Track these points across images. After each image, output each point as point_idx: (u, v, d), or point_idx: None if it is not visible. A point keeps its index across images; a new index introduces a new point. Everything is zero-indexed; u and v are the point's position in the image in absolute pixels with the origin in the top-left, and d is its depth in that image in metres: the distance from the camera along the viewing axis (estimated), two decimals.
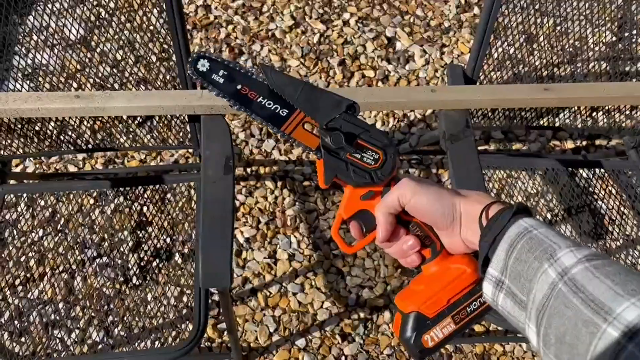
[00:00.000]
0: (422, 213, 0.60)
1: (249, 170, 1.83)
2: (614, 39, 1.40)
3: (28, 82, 1.28)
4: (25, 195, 1.63)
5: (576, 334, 0.45)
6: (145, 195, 1.54)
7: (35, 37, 1.23)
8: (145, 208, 1.58)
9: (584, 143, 1.92)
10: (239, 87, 0.64)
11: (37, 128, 1.32)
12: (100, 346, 1.37)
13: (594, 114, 1.48)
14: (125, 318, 1.33)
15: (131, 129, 1.39)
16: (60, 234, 1.53)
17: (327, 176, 0.62)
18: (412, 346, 0.60)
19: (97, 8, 1.24)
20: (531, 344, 0.51)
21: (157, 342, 1.31)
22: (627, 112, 1.46)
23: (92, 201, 1.60)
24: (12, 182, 1.45)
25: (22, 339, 1.30)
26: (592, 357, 0.44)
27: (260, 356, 1.55)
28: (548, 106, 1.37)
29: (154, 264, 1.50)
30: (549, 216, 1.59)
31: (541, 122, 1.48)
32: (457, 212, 0.59)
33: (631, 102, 1.36)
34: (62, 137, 1.36)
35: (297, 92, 0.62)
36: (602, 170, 1.52)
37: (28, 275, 1.48)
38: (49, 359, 1.29)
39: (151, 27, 1.25)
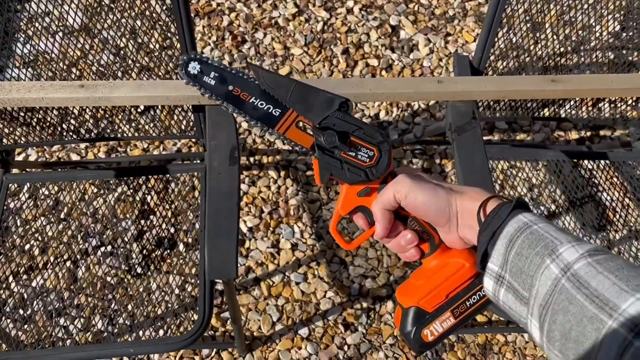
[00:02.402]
0: (418, 210, 0.60)
1: (252, 159, 1.82)
2: (619, 28, 1.39)
3: (30, 69, 1.26)
4: (28, 184, 1.63)
5: (581, 331, 0.45)
6: (149, 185, 1.54)
7: (36, 24, 1.22)
8: (148, 197, 1.57)
9: (588, 134, 1.91)
10: (230, 88, 0.64)
11: (39, 116, 1.31)
12: (104, 334, 1.37)
13: (600, 104, 1.47)
14: (128, 307, 1.33)
15: (133, 118, 1.38)
16: (63, 223, 1.52)
17: (322, 175, 0.63)
18: (412, 340, 0.61)
19: None
20: (533, 339, 0.51)
21: (160, 331, 1.32)
22: (633, 103, 1.45)
23: (95, 190, 1.60)
24: (14, 170, 1.44)
25: (27, 327, 1.30)
26: (598, 353, 0.44)
27: (263, 345, 1.55)
28: (555, 97, 1.36)
29: (157, 253, 1.50)
30: (552, 207, 1.59)
31: (545, 112, 1.47)
32: (453, 209, 0.59)
33: None
34: (64, 126, 1.35)
35: (289, 91, 0.62)
36: (607, 161, 1.51)
37: (32, 263, 1.48)
38: (54, 347, 1.30)
39: (154, 15, 1.24)
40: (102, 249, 1.54)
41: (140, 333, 1.26)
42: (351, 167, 0.62)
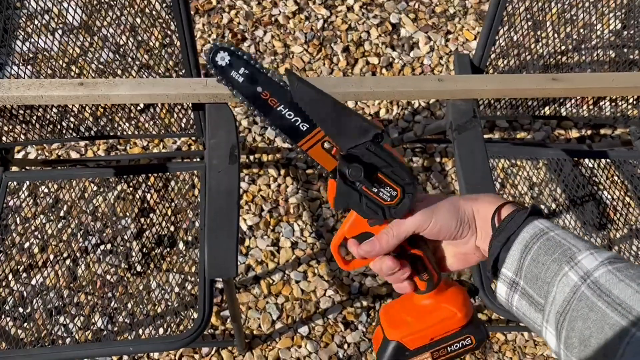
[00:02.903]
0: (439, 235, 0.59)
1: (251, 157, 1.82)
2: (620, 26, 1.39)
3: (29, 67, 1.26)
4: (27, 181, 1.62)
5: (603, 338, 0.45)
6: (149, 183, 1.53)
7: (35, 22, 1.21)
8: (148, 195, 1.57)
9: (589, 132, 1.91)
10: (259, 90, 0.57)
11: (39, 114, 1.30)
12: (104, 333, 1.37)
13: (601, 102, 1.47)
14: (128, 305, 1.33)
15: (133, 116, 1.38)
16: (63, 221, 1.52)
17: (339, 203, 0.58)
18: None
19: None
20: (548, 346, 0.51)
21: (160, 329, 1.31)
22: (634, 101, 1.45)
23: (94, 188, 1.59)
24: (14, 168, 1.44)
25: (26, 326, 1.30)
26: None
27: (263, 343, 1.55)
28: (556, 96, 1.36)
29: (157, 251, 1.50)
30: (553, 206, 1.59)
31: (546, 111, 1.47)
32: (471, 217, 0.58)
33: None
34: (64, 124, 1.35)
35: (324, 110, 0.56)
36: (608, 160, 1.51)
37: (31, 261, 1.48)
38: (53, 345, 1.30)
39: (154, 12, 1.23)
40: (102, 247, 1.54)
41: (140, 331, 1.26)
42: (370, 203, 0.58)
